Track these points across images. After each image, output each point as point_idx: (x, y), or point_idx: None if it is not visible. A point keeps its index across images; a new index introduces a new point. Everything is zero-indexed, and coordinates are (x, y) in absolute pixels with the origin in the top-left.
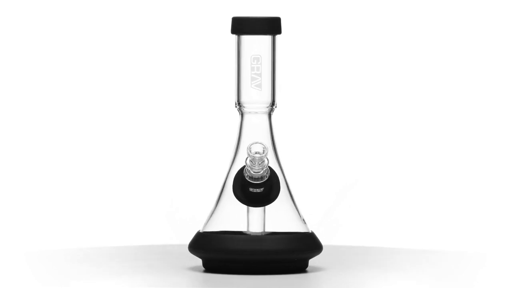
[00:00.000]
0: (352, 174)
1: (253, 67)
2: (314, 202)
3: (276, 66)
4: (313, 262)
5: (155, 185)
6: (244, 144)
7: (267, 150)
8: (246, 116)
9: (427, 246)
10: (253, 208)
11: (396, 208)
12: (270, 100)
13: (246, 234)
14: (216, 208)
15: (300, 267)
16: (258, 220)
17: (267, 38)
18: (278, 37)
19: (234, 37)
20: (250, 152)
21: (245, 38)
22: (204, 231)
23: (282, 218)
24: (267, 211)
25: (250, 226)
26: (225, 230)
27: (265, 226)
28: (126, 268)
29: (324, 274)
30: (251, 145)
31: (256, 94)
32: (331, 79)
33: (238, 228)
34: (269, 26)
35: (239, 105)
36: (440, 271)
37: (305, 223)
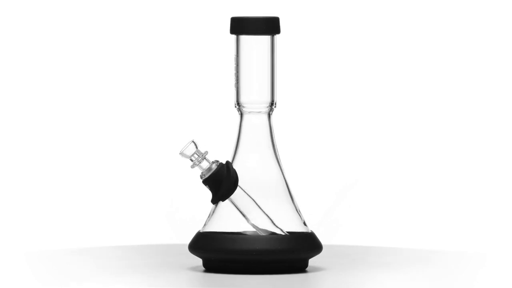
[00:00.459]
0: (352, 174)
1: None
2: (314, 202)
3: (275, 66)
4: (313, 262)
5: (155, 185)
6: (244, 144)
7: (198, 151)
8: (245, 116)
9: (427, 246)
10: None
11: (396, 208)
12: (269, 100)
13: (246, 234)
14: (216, 208)
15: (300, 267)
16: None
17: (266, 38)
18: (277, 37)
19: (233, 37)
20: (184, 155)
21: (244, 38)
22: (204, 231)
23: (282, 218)
24: (267, 211)
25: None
26: (225, 230)
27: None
28: (126, 268)
29: (324, 274)
30: (183, 150)
31: (256, 94)
32: (331, 79)
33: (238, 228)
34: (268, 26)
35: (239, 105)
36: (440, 271)
37: (305, 223)
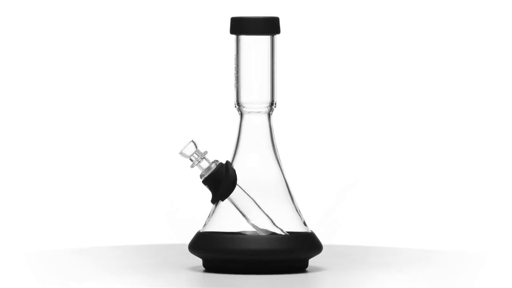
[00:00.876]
0: (352, 174)
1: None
2: (314, 202)
3: (275, 66)
4: (313, 262)
5: (155, 185)
6: (244, 144)
7: (198, 151)
8: (245, 116)
9: (427, 246)
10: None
11: (396, 208)
12: (269, 100)
13: (246, 234)
14: (216, 208)
15: (300, 267)
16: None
17: (266, 38)
18: (277, 37)
19: (233, 37)
20: (183, 155)
21: (244, 38)
22: (204, 231)
23: (282, 218)
24: (267, 211)
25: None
26: (225, 230)
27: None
28: (126, 268)
29: (324, 274)
30: (183, 150)
31: (256, 94)
32: (331, 79)
33: (238, 228)
34: (268, 26)
35: (239, 105)
36: (440, 271)
37: (305, 223)
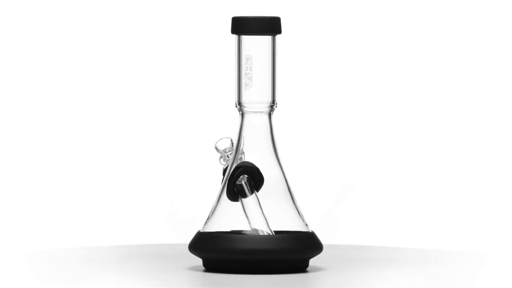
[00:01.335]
0: (352, 174)
1: (247, 67)
2: (314, 202)
3: (276, 66)
4: (313, 261)
5: (155, 185)
6: (245, 144)
7: (232, 146)
8: (246, 116)
9: (427, 245)
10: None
11: (396, 207)
12: (270, 100)
13: (246, 234)
14: (216, 207)
15: (300, 267)
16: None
17: (267, 38)
18: (278, 37)
19: (234, 37)
20: (218, 148)
21: (245, 38)
22: (204, 231)
23: (282, 218)
24: (267, 211)
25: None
26: (225, 230)
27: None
28: (126, 268)
29: (324, 273)
30: (219, 141)
31: (256, 94)
32: (331, 79)
33: (238, 228)
34: (269, 26)
35: (240, 105)
36: (440, 271)
37: (305, 223)
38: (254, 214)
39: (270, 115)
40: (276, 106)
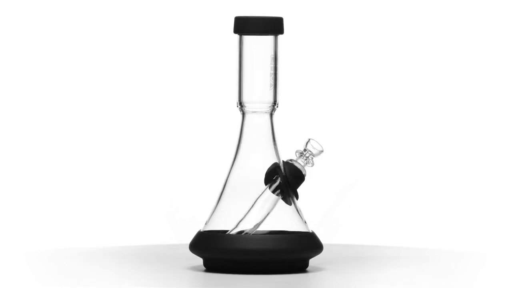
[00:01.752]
0: (352, 174)
1: (271, 67)
2: (314, 202)
3: (278, 66)
4: (313, 261)
5: (155, 185)
6: (245, 144)
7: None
8: (247, 115)
9: (427, 245)
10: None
11: (396, 207)
12: (271, 100)
13: (247, 234)
14: (217, 207)
15: (300, 267)
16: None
17: (269, 38)
18: (280, 37)
19: (237, 36)
20: (307, 147)
21: (247, 38)
22: (205, 231)
23: (282, 218)
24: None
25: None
26: (226, 230)
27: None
28: (126, 268)
29: (324, 273)
30: (310, 140)
31: (256, 94)
32: (333, 80)
33: (238, 228)
34: (271, 26)
35: (241, 105)
36: (440, 271)
37: (305, 223)
38: (260, 213)
39: (271, 115)
40: (277, 106)
